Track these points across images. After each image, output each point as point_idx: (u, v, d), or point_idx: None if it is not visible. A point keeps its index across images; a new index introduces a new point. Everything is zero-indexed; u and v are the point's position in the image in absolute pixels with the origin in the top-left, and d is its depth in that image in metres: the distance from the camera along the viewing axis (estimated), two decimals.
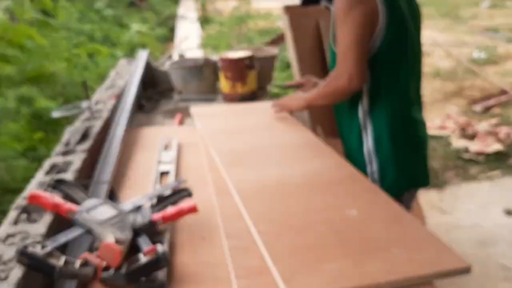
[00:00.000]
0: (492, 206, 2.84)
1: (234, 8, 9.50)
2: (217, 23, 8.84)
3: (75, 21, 5.24)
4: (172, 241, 0.90)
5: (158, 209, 0.95)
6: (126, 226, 0.85)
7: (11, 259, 0.75)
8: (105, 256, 0.76)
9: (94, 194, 1.05)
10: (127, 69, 2.15)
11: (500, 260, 2.33)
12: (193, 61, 2.12)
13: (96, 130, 1.34)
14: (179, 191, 1.01)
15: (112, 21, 7.03)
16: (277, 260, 0.78)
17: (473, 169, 3.28)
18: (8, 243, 0.80)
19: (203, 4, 10.11)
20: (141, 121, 1.82)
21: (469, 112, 4.26)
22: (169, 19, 9.15)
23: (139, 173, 1.22)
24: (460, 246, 2.47)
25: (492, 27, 7.67)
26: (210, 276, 0.80)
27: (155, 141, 1.41)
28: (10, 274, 0.72)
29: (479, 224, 2.66)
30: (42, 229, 0.84)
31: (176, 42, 6.30)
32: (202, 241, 0.91)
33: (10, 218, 0.88)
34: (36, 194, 0.89)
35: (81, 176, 1.09)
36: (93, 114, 1.47)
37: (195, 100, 2.00)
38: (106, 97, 1.70)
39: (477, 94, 4.62)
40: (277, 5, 3.83)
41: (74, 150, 1.20)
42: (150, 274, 0.76)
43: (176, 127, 1.68)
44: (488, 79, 5.09)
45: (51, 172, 1.08)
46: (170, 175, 1.19)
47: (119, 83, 1.89)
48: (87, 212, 0.85)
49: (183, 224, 0.96)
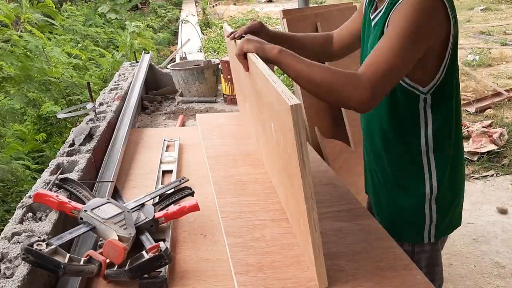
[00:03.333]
0: (485, 205, 2.88)
1: (235, 13, 9.57)
2: (218, 27, 8.90)
3: (80, 24, 5.28)
4: (174, 238, 0.92)
5: (160, 208, 0.97)
6: (130, 224, 0.86)
7: (17, 257, 0.77)
8: (109, 253, 0.78)
9: (98, 193, 1.07)
10: (130, 72, 2.18)
11: (494, 257, 2.36)
12: (195, 64, 2.15)
13: (100, 130, 1.36)
14: (181, 189, 1.02)
15: (116, 24, 7.09)
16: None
17: (467, 169, 3.33)
18: (13, 241, 0.82)
19: (203, 8, 10.17)
20: (144, 122, 1.84)
21: (463, 113, 4.29)
22: (172, 23, 9.21)
23: (142, 172, 1.24)
24: (454, 244, 2.49)
25: (486, 30, 7.72)
26: (210, 273, 0.82)
27: (157, 141, 1.43)
28: (15, 272, 0.73)
29: (473, 222, 2.70)
30: (47, 227, 0.86)
31: (178, 45, 6.34)
32: (203, 238, 0.92)
33: (16, 216, 0.90)
34: (42, 193, 0.91)
35: (86, 175, 1.10)
36: (97, 115, 1.49)
37: (197, 101, 2.02)
38: (110, 98, 1.72)
39: (471, 96, 4.66)
40: (277, 10, 3.81)
41: (79, 150, 1.22)
42: (153, 271, 0.78)
43: (178, 128, 1.70)
44: (482, 81, 5.11)
45: (56, 172, 1.10)
46: (172, 174, 1.21)
47: (122, 85, 1.91)
48: (91, 210, 0.87)
49: (184, 221, 0.98)
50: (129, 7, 9.07)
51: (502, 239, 2.52)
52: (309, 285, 0.77)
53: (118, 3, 8.23)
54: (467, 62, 5.93)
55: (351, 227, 0.95)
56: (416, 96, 1.03)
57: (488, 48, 6.59)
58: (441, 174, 1.09)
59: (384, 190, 1.16)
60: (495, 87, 4.81)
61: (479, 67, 5.76)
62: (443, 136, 1.07)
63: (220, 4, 13.28)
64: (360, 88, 0.90)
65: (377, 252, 0.85)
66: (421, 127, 1.06)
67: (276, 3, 13.66)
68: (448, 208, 1.14)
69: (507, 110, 4.28)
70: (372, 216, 0.99)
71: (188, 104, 2.00)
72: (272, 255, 0.84)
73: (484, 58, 6.02)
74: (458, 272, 2.23)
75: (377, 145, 1.15)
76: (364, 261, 0.83)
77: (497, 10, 9.85)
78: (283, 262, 0.82)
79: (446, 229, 1.16)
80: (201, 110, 1.95)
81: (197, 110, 1.95)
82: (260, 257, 0.83)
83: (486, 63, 5.86)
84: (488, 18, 9.13)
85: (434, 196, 1.09)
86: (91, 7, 7.48)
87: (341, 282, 0.77)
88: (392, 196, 1.14)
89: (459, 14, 9.53)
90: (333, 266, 0.81)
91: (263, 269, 0.80)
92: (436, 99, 1.03)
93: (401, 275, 0.79)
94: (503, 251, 2.41)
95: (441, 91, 1.02)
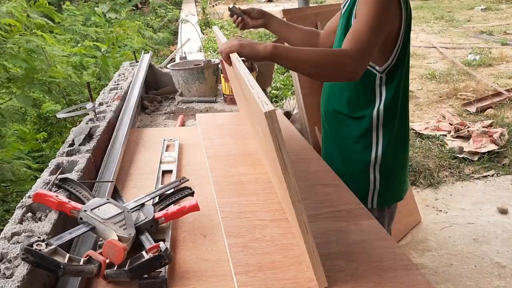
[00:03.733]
0: (486, 205, 2.89)
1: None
2: (217, 27, 8.90)
3: (80, 24, 5.28)
4: (174, 238, 0.92)
5: (160, 208, 0.96)
6: (129, 224, 0.86)
7: (16, 257, 0.77)
8: (108, 254, 0.78)
9: (98, 193, 1.06)
10: (130, 71, 2.17)
11: (494, 257, 2.36)
12: (195, 63, 2.15)
13: (100, 130, 1.35)
14: (181, 189, 1.02)
15: (116, 24, 7.07)
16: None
17: (467, 169, 3.33)
18: (13, 241, 0.82)
19: (203, 8, 10.17)
20: (144, 122, 1.84)
21: (463, 113, 4.30)
22: (172, 23, 9.20)
23: (142, 172, 1.24)
24: (455, 244, 2.49)
25: (486, 30, 7.73)
26: (210, 273, 0.82)
27: (157, 141, 1.43)
28: (15, 272, 0.73)
29: (473, 222, 2.70)
30: (47, 228, 0.85)
31: (178, 45, 6.34)
32: (203, 239, 0.92)
33: (16, 216, 0.90)
34: (41, 193, 0.90)
35: (85, 175, 1.10)
36: (97, 115, 1.49)
37: (197, 101, 2.02)
38: (110, 98, 1.72)
39: (471, 96, 4.66)
40: (277, 9, 3.85)
41: (78, 150, 1.22)
42: (153, 271, 0.78)
43: (178, 128, 1.70)
44: (482, 81, 5.12)
45: (56, 172, 1.10)
46: (172, 174, 1.21)
47: (122, 85, 1.91)
48: (91, 210, 0.87)
49: (184, 221, 0.97)
50: (129, 6, 9.07)
51: (502, 239, 2.52)
52: (309, 285, 0.77)
53: (117, 2, 8.22)
54: (468, 62, 5.95)
55: (351, 227, 0.95)
56: (373, 74, 1.23)
57: (488, 48, 6.59)
58: (386, 144, 1.28)
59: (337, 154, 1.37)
60: (495, 87, 4.82)
61: (480, 67, 5.77)
62: (392, 111, 1.26)
63: (220, 4, 13.28)
64: (352, 59, 1.06)
65: (377, 252, 0.85)
66: (376, 103, 1.26)
67: (276, 3, 13.66)
68: (391, 177, 1.33)
69: (507, 110, 4.28)
70: (372, 216, 0.99)
71: (188, 104, 2.00)
72: (272, 255, 0.84)
73: (485, 58, 6.03)
74: (458, 272, 2.23)
75: (334, 117, 1.36)
76: (364, 261, 0.83)
77: (498, 9, 9.87)
78: (283, 262, 0.82)
79: (389, 199, 1.36)
80: (201, 110, 1.95)
81: (197, 110, 1.95)
82: (260, 257, 0.83)
83: (487, 63, 5.88)
84: (489, 17, 9.15)
85: (378, 163, 1.29)
86: (91, 7, 7.48)
87: (341, 282, 0.77)
88: (341, 162, 1.34)
89: (460, 13, 9.57)
90: (333, 266, 0.81)
91: (263, 269, 0.80)
92: (389, 78, 1.23)
93: (401, 275, 0.79)
94: (504, 251, 2.41)
95: (394, 70, 1.22)
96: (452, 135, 3.75)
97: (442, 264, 2.31)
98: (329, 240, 0.89)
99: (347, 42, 1.08)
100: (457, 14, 9.63)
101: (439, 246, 2.48)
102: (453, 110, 4.28)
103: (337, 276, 0.79)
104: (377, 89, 1.25)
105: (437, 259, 2.36)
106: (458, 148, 3.50)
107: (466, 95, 4.75)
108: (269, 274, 0.79)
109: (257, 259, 0.83)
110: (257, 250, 0.86)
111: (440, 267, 2.28)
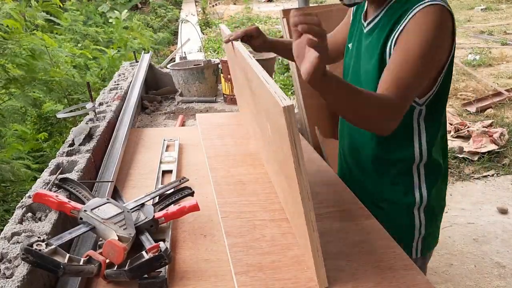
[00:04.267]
0: (486, 205, 2.90)
1: (235, 13, 9.61)
2: (217, 27, 8.91)
3: (80, 24, 5.28)
4: (174, 238, 0.92)
5: (160, 208, 0.96)
6: (129, 224, 0.86)
7: (16, 257, 0.77)
8: (108, 254, 0.78)
9: (98, 193, 1.07)
10: (130, 71, 2.17)
11: (494, 257, 2.36)
12: (195, 63, 2.15)
13: (100, 130, 1.35)
14: (181, 189, 1.02)
15: (116, 24, 7.06)
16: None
17: (467, 169, 3.33)
18: (13, 241, 0.82)
19: (203, 8, 10.18)
20: (144, 122, 1.84)
21: (463, 113, 4.30)
22: (172, 23, 9.20)
23: (142, 172, 1.24)
24: (455, 244, 2.49)
25: (486, 30, 7.73)
26: (210, 273, 0.82)
27: (157, 141, 1.43)
28: (15, 272, 0.73)
29: (473, 222, 2.70)
30: (47, 228, 0.85)
31: (178, 45, 6.34)
32: (203, 238, 0.92)
33: (15, 216, 0.90)
34: (41, 193, 0.90)
35: (85, 175, 1.10)
36: (97, 115, 1.49)
37: (197, 101, 2.02)
38: (110, 98, 1.72)
39: (471, 96, 4.66)
40: (277, 9, 3.81)
41: (78, 150, 1.22)
42: (153, 271, 0.78)
43: (178, 128, 1.70)
44: (482, 81, 5.12)
45: (56, 172, 1.10)
46: (172, 174, 1.21)
47: (122, 85, 1.91)
48: (91, 210, 0.87)
49: (184, 221, 0.97)
50: (129, 6, 9.07)
51: (502, 239, 2.53)
52: (309, 285, 0.77)
53: (118, 2, 8.23)
54: (467, 62, 5.95)
55: (351, 227, 0.95)
56: (411, 108, 1.02)
57: (488, 47, 6.60)
58: (432, 183, 1.10)
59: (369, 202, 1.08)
60: (495, 87, 4.83)
61: (480, 67, 5.77)
62: (435, 146, 1.08)
63: (220, 3, 13.29)
64: (397, 111, 0.92)
65: (377, 252, 0.85)
66: (415, 139, 1.06)
67: (276, 2, 13.67)
68: (436, 220, 1.15)
69: (507, 110, 4.28)
70: (372, 216, 0.99)
71: (188, 104, 2.00)
72: (272, 255, 0.84)
73: (485, 57, 6.04)
74: (458, 272, 2.23)
75: (361, 158, 1.16)
76: (364, 261, 0.83)
77: (498, 9, 9.88)
78: (283, 262, 0.82)
79: (431, 243, 1.18)
80: (201, 110, 1.95)
81: (197, 110, 1.95)
82: (260, 257, 0.83)
83: (487, 63, 5.88)
84: (489, 17, 9.15)
85: (423, 205, 1.10)
86: (94, 5, 7.48)
87: (341, 282, 0.77)
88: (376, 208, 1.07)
89: (459, 13, 9.58)
90: (333, 266, 0.81)
91: (263, 269, 0.80)
92: (430, 110, 1.03)
93: (401, 275, 0.79)
94: (504, 251, 2.41)
95: (436, 101, 1.03)
96: (452, 135, 3.75)
97: (442, 264, 2.31)
98: (329, 240, 0.89)
99: (391, 87, 0.91)
100: (457, 14, 9.64)
101: (439, 246, 2.47)
102: (453, 110, 4.29)
103: (337, 276, 0.79)
104: (414, 124, 1.05)
105: (437, 259, 2.37)
106: (458, 148, 3.50)
107: (466, 95, 4.75)
108: (269, 274, 0.79)
109: (257, 259, 0.83)
110: (257, 250, 0.86)
111: (440, 267, 2.28)
